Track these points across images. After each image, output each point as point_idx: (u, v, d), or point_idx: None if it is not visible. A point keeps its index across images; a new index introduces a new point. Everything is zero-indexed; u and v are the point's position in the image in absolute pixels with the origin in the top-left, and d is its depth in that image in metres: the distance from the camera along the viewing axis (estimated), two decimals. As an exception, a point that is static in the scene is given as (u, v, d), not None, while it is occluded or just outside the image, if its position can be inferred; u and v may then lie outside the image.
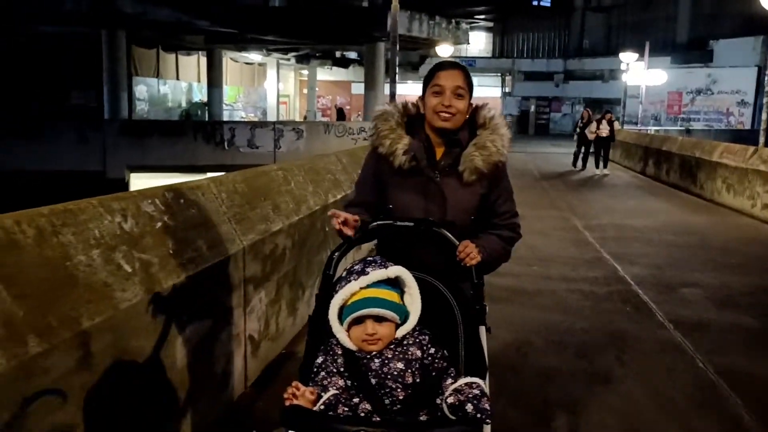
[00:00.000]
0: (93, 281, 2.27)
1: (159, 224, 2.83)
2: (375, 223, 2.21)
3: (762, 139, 11.73)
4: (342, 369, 1.83)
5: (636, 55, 27.38)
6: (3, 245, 1.98)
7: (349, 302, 1.85)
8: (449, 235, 2.15)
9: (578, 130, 18.35)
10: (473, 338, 2.01)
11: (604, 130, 17.05)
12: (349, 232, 2.14)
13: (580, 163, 18.37)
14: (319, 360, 1.87)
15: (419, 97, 2.38)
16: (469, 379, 1.78)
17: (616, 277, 6.37)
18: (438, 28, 24.78)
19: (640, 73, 27.56)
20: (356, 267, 1.90)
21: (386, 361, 1.81)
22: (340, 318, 1.87)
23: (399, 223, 2.20)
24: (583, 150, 18.23)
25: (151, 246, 2.70)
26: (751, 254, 7.71)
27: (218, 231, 3.30)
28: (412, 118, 2.36)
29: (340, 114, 35.75)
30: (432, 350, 1.86)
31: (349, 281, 1.86)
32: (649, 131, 24.73)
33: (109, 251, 2.43)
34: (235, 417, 3.33)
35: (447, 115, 2.25)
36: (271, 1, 30.01)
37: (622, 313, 5.26)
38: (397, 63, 12.70)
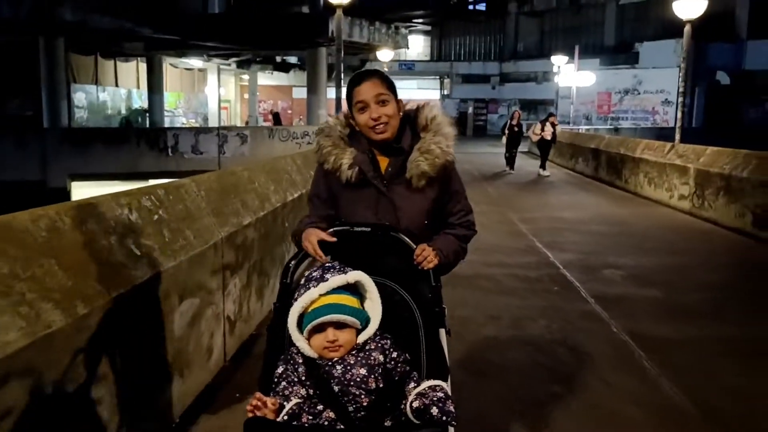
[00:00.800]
0: (113, 261, 2.78)
1: (156, 216, 3.34)
2: (332, 230, 2.19)
3: (677, 136, 12.76)
4: (303, 378, 1.81)
5: (566, 58, 28.67)
6: (50, 230, 2.48)
7: (309, 310, 1.84)
8: (406, 239, 2.15)
9: (507, 131, 18.17)
10: (434, 341, 2.01)
11: (548, 133, 17.18)
12: (324, 258, 2.13)
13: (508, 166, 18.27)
14: (280, 370, 1.86)
15: (349, 114, 2.34)
16: (432, 382, 1.81)
17: (547, 263, 7.10)
18: (378, 34, 25.46)
19: (570, 75, 28.88)
20: (315, 273, 1.88)
21: (349, 368, 1.80)
22: (300, 326, 1.86)
23: (356, 229, 2.18)
24: (512, 152, 18.18)
25: (151, 234, 3.20)
26: (665, 239, 8.61)
27: (201, 223, 3.82)
28: (354, 130, 2.33)
29: (276, 118, 35.64)
30: (394, 354, 1.86)
31: (309, 288, 1.84)
32: (580, 130, 25.95)
33: (122, 238, 2.93)
34: (219, 385, 3.85)
35: (380, 127, 2.22)
36: (211, 8, 30.19)
37: (551, 292, 5.97)
38: (342, 69, 13.25)
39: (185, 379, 3.41)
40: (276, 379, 1.85)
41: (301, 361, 1.84)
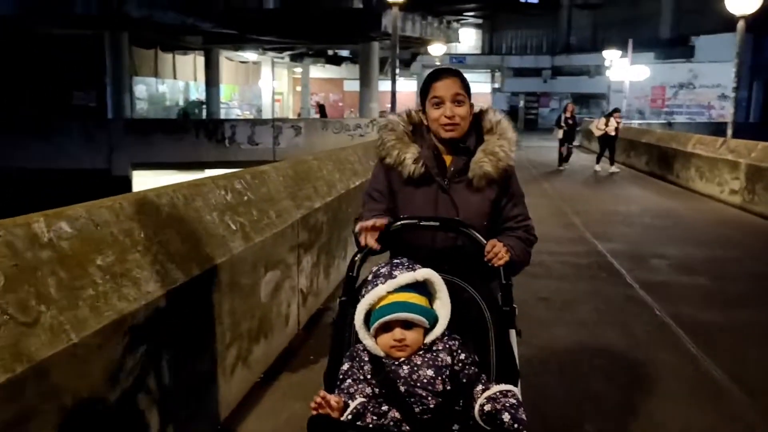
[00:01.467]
0: (216, 233, 3.25)
1: (245, 197, 3.81)
2: (399, 222, 2.14)
3: (729, 131, 12.76)
4: (369, 376, 1.78)
5: (619, 53, 28.44)
6: (170, 205, 2.95)
7: (376, 307, 1.81)
8: (476, 234, 2.11)
9: (564, 125, 17.28)
10: (504, 342, 1.96)
11: (612, 128, 16.33)
12: (372, 243, 2.10)
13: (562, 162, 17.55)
14: (345, 367, 1.83)
15: (420, 110, 2.37)
16: (503, 387, 1.75)
17: (595, 251, 7.38)
18: (430, 28, 25.79)
19: (623, 69, 28.63)
20: (383, 270, 1.85)
21: (415, 368, 1.76)
22: (367, 323, 1.83)
23: (424, 223, 2.15)
24: (566, 146, 17.36)
25: (243, 213, 3.67)
26: (714, 233, 8.76)
27: (281, 205, 4.28)
28: (417, 127, 2.36)
29: (323, 111, 35.23)
30: (462, 356, 1.81)
31: (376, 285, 1.81)
32: (632, 125, 25.79)
33: (222, 214, 3.40)
34: (295, 349, 4.31)
35: (451, 126, 2.23)
36: (266, 3, 30.96)
37: (598, 278, 6.27)
38: (396, 64, 13.64)
39: (269, 340, 3.88)
40: (341, 376, 1.82)
41: (367, 359, 1.81)
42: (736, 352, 4.33)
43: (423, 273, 1.84)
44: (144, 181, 20.74)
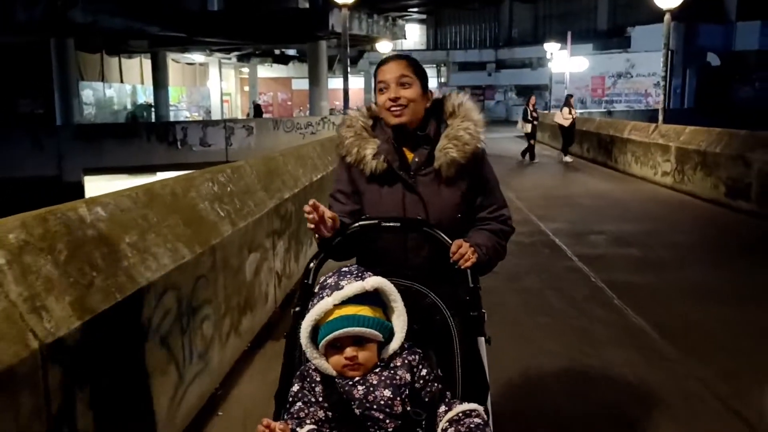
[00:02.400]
0: (208, 220, 3.75)
1: (228, 189, 4.31)
2: (358, 224, 2.05)
3: (660, 117, 13.71)
4: (321, 398, 1.65)
5: (558, 45, 29.55)
6: (173, 195, 3.45)
7: (323, 322, 1.66)
8: (441, 234, 2.00)
9: (531, 119, 16.77)
10: (471, 352, 1.83)
11: (573, 115, 16.47)
12: (325, 232, 1.98)
13: (528, 156, 17.10)
14: (295, 388, 1.69)
15: (375, 102, 2.22)
16: (466, 407, 1.65)
17: (539, 231, 8.07)
18: (376, 26, 26.39)
19: (563, 61, 29.77)
20: (330, 280, 1.71)
21: (371, 388, 1.62)
22: (315, 340, 1.68)
23: (385, 224, 2.03)
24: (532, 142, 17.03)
25: (227, 202, 4.18)
26: (647, 210, 9.60)
27: (257, 196, 4.79)
28: (377, 121, 2.22)
29: (257, 110, 34.54)
30: (423, 372, 1.68)
31: (322, 297, 1.67)
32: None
33: (211, 203, 3.91)
34: (275, 323, 4.83)
35: (397, 108, 2.08)
36: (210, 5, 31.09)
37: (541, 254, 6.95)
38: (348, 62, 14.19)
39: (253, 314, 4.40)
40: (291, 398, 1.68)
41: (318, 379, 1.67)
42: (655, 306, 5.03)
43: (372, 282, 1.69)
44: (97, 186, 20.68)
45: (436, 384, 1.68)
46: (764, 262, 6.52)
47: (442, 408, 1.66)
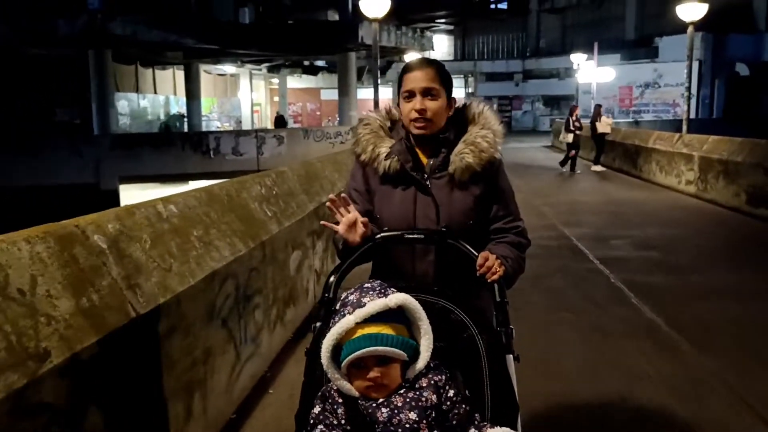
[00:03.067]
0: (258, 218, 4.16)
1: (274, 191, 4.72)
2: (380, 235, 2.01)
3: (684, 127, 13.91)
4: (343, 421, 1.59)
5: (585, 56, 29.74)
6: (228, 195, 3.86)
7: (344, 341, 1.60)
8: (467, 247, 1.95)
9: (573, 129, 16.59)
10: (499, 370, 1.76)
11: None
12: (356, 238, 1.95)
13: (568, 165, 16.91)
14: (317, 410, 1.63)
15: (397, 105, 2.22)
16: (497, 431, 1.60)
17: (563, 236, 8.38)
18: (405, 38, 26.88)
19: (589, 72, 29.94)
20: (351, 297, 1.64)
21: (396, 411, 1.57)
22: (337, 360, 1.62)
23: (408, 236, 2.00)
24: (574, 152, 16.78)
25: (273, 203, 4.58)
26: (670, 217, 9.83)
27: (299, 198, 5.20)
28: (395, 123, 2.22)
29: (280, 121, 34.85)
30: (450, 393, 1.61)
31: (344, 315, 1.60)
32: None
33: (260, 204, 4.32)
34: (312, 318, 5.21)
35: (422, 122, 2.07)
36: (241, 17, 31.87)
37: (565, 257, 7.25)
38: (378, 74, 14.63)
39: (296, 307, 4.79)
40: (312, 421, 1.63)
41: (340, 400, 1.61)
42: (672, 305, 5.33)
43: (396, 299, 1.61)
44: (131, 194, 21.33)
45: (464, 405, 1.61)
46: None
47: (472, 430, 1.60)
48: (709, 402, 3.60)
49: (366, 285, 1.66)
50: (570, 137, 16.78)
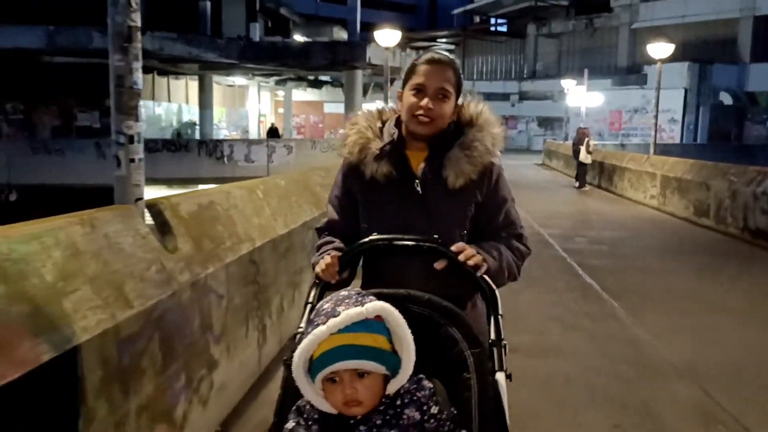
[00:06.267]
0: (320, 196, 6.05)
1: (325, 180, 6.62)
2: (368, 239, 1.89)
3: (652, 150, 15.93)
4: None
5: (575, 81, 31.82)
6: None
7: (317, 354, 1.46)
8: (449, 249, 1.85)
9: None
10: (489, 388, 1.64)
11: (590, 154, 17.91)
12: (329, 278, 1.89)
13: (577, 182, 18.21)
14: (290, 425, 1.52)
15: (398, 94, 2.06)
16: None
17: (538, 234, 10.31)
18: (408, 58, 28.77)
19: (579, 96, 32.02)
20: (326, 306, 1.51)
21: (374, 429, 1.46)
22: (312, 373, 1.48)
23: (397, 242, 1.88)
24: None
25: (326, 187, 6.47)
26: (630, 224, 11.82)
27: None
28: (386, 123, 2.09)
29: (274, 133, 36.41)
30: (434, 410, 1.50)
31: (317, 325, 1.46)
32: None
33: (320, 187, 6.21)
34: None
35: (426, 119, 1.94)
36: (252, 33, 33.87)
37: (537, 248, 9.15)
38: (388, 94, 16.58)
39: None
40: None
41: (316, 416, 1.51)
42: (605, 276, 7.26)
43: (373, 307, 1.49)
44: (149, 195, 23.11)
45: (449, 424, 1.51)
46: (704, 255, 8.73)
47: None
48: (609, 323, 5.55)
49: (342, 293, 1.55)
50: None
